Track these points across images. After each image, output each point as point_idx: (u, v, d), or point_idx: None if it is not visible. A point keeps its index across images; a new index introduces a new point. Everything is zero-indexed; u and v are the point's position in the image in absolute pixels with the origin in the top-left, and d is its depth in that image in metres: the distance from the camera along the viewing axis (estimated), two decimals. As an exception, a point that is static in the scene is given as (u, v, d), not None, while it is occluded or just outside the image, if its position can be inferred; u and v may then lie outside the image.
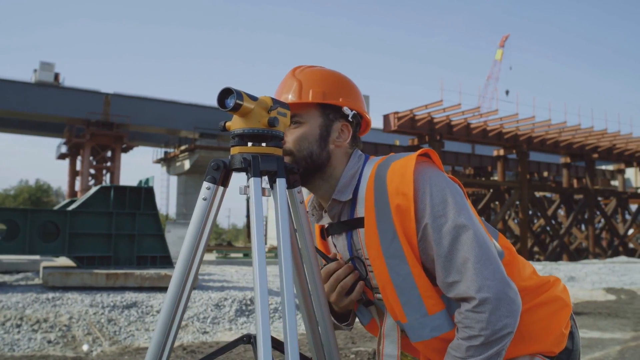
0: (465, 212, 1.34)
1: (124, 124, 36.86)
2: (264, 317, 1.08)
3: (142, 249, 8.76)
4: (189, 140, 40.97)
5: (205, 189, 1.29)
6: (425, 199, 1.34)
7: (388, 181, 1.36)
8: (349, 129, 1.53)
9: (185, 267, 1.25)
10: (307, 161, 1.47)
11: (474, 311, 1.29)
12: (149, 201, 8.97)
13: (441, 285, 1.35)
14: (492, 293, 1.28)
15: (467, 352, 1.30)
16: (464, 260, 1.30)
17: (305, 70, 1.54)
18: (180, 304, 1.26)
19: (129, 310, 7.12)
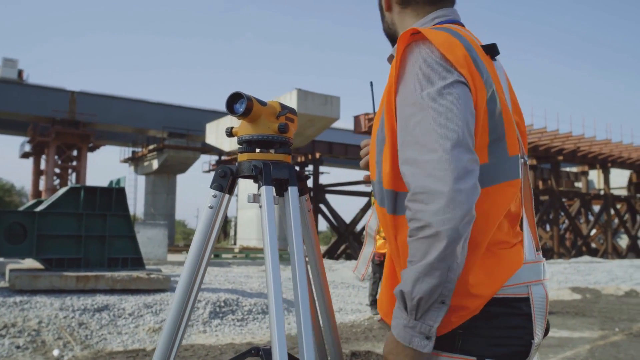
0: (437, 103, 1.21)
1: (90, 123, 36.25)
2: (280, 334, 1.05)
3: (113, 251, 8.60)
4: (157, 139, 40.51)
5: (211, 196, 1.26)
6: (403, 72, 1.28)
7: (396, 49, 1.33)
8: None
9: (192, 274, 1.23)
10: (387, 36, 1.58)
11: (413, 200, 1.18)
12: (121, 202, 8.81)
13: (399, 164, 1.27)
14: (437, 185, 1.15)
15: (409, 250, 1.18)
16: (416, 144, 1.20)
17: None
18: (187, 309, 1.24)
19: (101, 314, 6.98)
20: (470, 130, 1.21)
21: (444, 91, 1.21)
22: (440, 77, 1.23)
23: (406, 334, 1.18)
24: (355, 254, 28.33)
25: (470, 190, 1.15)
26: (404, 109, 1.24)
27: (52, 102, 34.82)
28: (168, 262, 17.02)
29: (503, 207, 1.30)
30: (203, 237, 1.24)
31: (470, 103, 1.23)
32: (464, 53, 1.27)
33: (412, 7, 1.47)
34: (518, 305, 1.27)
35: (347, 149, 30.31)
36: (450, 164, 1.15)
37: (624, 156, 34.04)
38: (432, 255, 1.13)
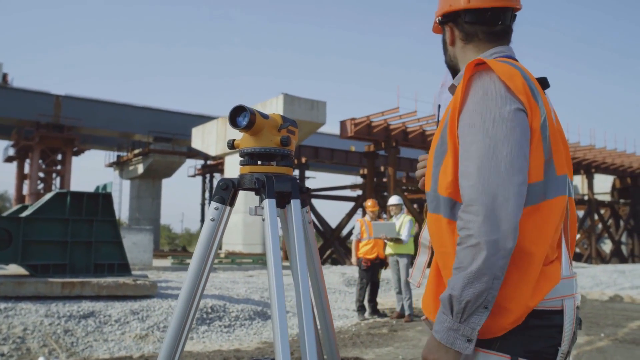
0: (497, 126, 1.38)
1: (75, 127, 35.95)
2: (284, 348, 1.05)
3: (99, 257, 8.53)
4: (142, 144, 40.30)
5: (213, 209, 1.26)
6: (467, 98, 1.45)
7: (463, 74, 1.50)
8: (451, 27, 1.69)
9: (194, 285, 1.23)
10: (449, 68, 1.77)
11: (465, 211, 1.35)
12: (107, 207, 8.74)
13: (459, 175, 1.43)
14: (487, 199, 1.31)
15: (457, 257, 1.33)
16: (472, 160, 1.37)
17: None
18: (189, 318, 1.23)
19: (86, 320, 6.92)
20: (525, 155, 1.38)
21: (504, 117, 1.38)
22: (501, 105, 1.39)
23: (449, 336, 1.32)
24: (341, 259, 28.30)
25: (515, 209, 1.31)
26: (466, 130, 1.42)
27: (37, 105, 34.50)
28: (153, 267, 16.91)
29: (554, 221, 1.45)
30: (205, 249, 1.24)
31: (526, 129, 1.40)
32: (523, 82, 1.44)
33: (474, 43, 1.66)
34: (553, 317, 1.42)
35: (333, 154, 30.32)
36: (502, 183, 1.32)
37: (607, 162, 34.40)
38: (478, 262, 1.29)
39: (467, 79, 1.46)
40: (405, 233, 9.09)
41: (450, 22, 1.68)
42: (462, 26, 1.66)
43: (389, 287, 13.39)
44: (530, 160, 1.40)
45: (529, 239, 1.38)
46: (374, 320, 9.01)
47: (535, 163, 1.41)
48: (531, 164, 1.40)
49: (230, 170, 28.45)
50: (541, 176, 1.42)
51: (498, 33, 1.65)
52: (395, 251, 9.23)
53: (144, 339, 6.66)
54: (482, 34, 1.64)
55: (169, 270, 16.96)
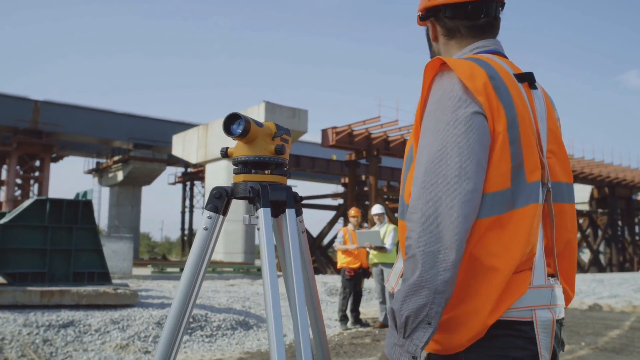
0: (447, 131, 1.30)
1: (54, 133, 35.54)
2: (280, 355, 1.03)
3: (79, 265, 8.41)
4: (122, 150, 39.99)
5: (206, 218, 1.24)
6: (427, 100, 1.38)
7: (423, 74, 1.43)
8: (433, 23, 1.61)
9: (186, 295, 1.21)
10: None
11: (407, 219, 1.28)
12: (87, 215, 8.63)
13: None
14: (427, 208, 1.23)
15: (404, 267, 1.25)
16: (418, 166, 1.31)
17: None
18: (181, 328, 1.21)
19: (66, 330, 6.81)
20: (479, 161, 1.27)
21: (457, 121, 1.28)
22: (455, 107, 1.30)
23: (394, 352, 1.22)
24: (322, 268, 28.28)
25: (460, 219, 1.21)
26: (423, 134, 1.33)
27: (15, 111, 34.04)
28: (133, 276, 16.75)
29: (524, 232, 1.32)
30: (197, 258, 1.22)
31: (483, 133, 1.29)
32: (485, 81, 1.33)
33: (456, 39, 1.58)
34: (521, 329, 1.30)
35: (315, 162, 30.34)
36: (447, 191, 1.23)
37: (585, 172, 34.85)
38: (416, 275, 1.19)
39: (430, 79, 1.39)
40: (389, 242, 9.08)
41: (431, 17, 1.60)
42: (444, 21, 1.57)
43: (370, 296, 13.39)
44: (493, 167, 1.30)
45: (491, 253, 1.28)
46: (356, 330, 8.99)
47: (500, 169, 1.31)
48: (495, 171, 1.30)
49: (211, 178, 28.32)
50: (508, 183, 1.31)
51: (482, 26, 1.55)
52: (379, 260, 9.22)
53: (125, 348, 6.57)
54: (464, 29, 1.55)
55: (149, 279, 16.81)
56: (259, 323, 8.52)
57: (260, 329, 8.27)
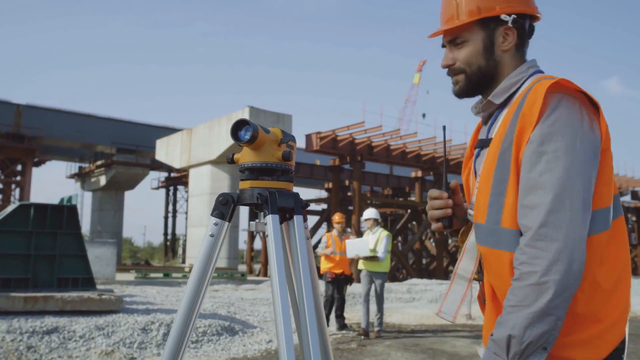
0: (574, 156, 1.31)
1: (36, 137, 35.17)
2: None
3: (63, 270, 8.33)
4: (105, 155, 39.68)
5: (212, 224, 1.24)
6: (546, 119, 1.34)
7: (530, 93, 1.38)
8: (513, 31, 1.53)
9: (192, 301, 1.22)
10: (478, 75, 1.54)
11: (531, 245, 1.27)
12: (72, 220, 8.56)
13: (518, 205, 1.36)
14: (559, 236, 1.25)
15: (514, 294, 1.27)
16: (543, 192, 1.30)
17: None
18: (187, 333, 1.22)
19: (50, 336, 6.74)
20: (593, 186, 1.32)
21: (578, 146, 1.30)
22: (582, 134, 1.32)
23: None
24: (306, 272, 28.21)
25: (584, 248, 1.27)
26: (536, 158, 1.32)
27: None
28: (116, 281, 16.62)
29: (624, 240, 1.41)
30: (204, 265, 1.22)
31: (598, 158, 1.35)
32: (600, 109, 1.38)
33: (521, 52, 1.56)
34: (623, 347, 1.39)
35: (299, 168, 30.31)
36: (575, 221, 1.26)
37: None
38: (544, 301, 1.22)
39: (545, 99, 1.34)
40: (382, 249, 8.72)
41: (504, 24, 1.53)
42: (522, 31, 1.55)
43: (355, 301, 13.40)
44: (602, 184, 1.36)
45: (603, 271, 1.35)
46: (342, 335, 8.98)
47: (607, 187, 1.37)
48: (603, 189, 1.36)
49: (194, 183, 28.21)
50: (611, 200, 1.38)
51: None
52: (371, 269, 8.88)
53: (110, 355, 6.51)
54: (527, 44, 1.58)
55: (133, 284, 16.68)
56: (245, 329, 8.49)
57: (246, 334, 8.24)
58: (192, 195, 28.59)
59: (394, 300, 14.54)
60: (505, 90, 1.51)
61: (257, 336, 8.23)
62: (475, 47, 1.54)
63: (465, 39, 1.54)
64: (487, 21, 1.53)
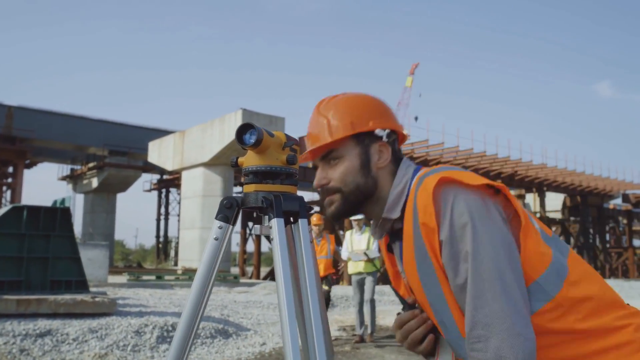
0: (485, 237, 1.28)
1: (27, 139, 35.01)
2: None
3: (56, 273, 8.29)
4: (97, 157, 39.53)
5: (217, 227, 1.25)
6: (443, 221, 1.30)
7: (418, 198, 1.35)
8: (387, 148, 1.50)
9: (197, 305, 1.23)
10: (356, 193, 1.46)
11: (470, 349, 1.25)
12: (65, 222, 8.53)
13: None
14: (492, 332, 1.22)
15: None
16: (471, 291, 1.26)
17: (329, 104, 1.51)
18: (191, 336, 1.22)
19: (43, 339, 6.71)
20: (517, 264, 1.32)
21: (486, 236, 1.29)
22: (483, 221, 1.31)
23: None
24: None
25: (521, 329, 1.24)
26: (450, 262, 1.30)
27: (-13, 116, 33.52)
28: (109, 284, 16.55)
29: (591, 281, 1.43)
30: (208, 269, 1.23)
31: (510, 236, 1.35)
32: (496, 186, 1.39)
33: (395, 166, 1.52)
34: None
35: (293, 170, 30.32)
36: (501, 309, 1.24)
37: (558, 180, 35.35)
38: None
39: (435, 200, 1.32)
40: (374, 248, 8.69)
41: (378, 140, 1.49)
42: (394, 147, 1.53)
43: (348, 304, 13.42)
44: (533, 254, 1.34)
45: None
46: (335, 338, 8.98)
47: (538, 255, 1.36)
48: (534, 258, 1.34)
49: (187, 185, 28.15)
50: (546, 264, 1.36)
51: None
52: (367, 270, 8.81)
53: (104, 358, 6.49)
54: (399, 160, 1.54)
55: (125, 287, 16.63)
56: (238, 331, 8.48)
57: (240, 337, 8.23)
58: (184, 198, 28.52)
59: (387, 303, 14.56)
60: (397, 202, 1.46)
61: (251, 339, 8.22)
62: (351, 163, 1.46)
63: (340, 155, 1.46)
64: (361, 137, 1.48)
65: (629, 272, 43.68)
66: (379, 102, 1.54)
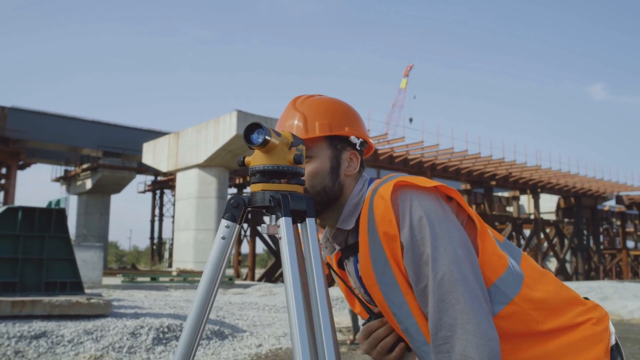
0: (444, 238, 1.29)
1: (21, 140, 34.84)
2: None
3: (51, 274, 8.25)
4: (91, 158, 39.40)
5: (224, 227, 1.24)
6: (402, 226, 1.31)
7: (375, 207, 1.34)
8: (357, 157, 1.51)
9: (203, 305, 1.22)
10: (321, 195, 1.44)
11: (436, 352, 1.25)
12: (60, 223, 8.48)
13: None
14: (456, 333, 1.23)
15: None
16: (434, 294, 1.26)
17: (306, 102, 1.51)
18: (198, 335, 1.22)
19: (38, 341, 6.68)
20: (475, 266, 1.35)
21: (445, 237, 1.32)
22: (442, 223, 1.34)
23: None
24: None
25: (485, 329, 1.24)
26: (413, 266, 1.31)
27: (-20, 117, 33.34)
28: (103, 285, 16.49)
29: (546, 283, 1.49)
30: (215, 268, 1.22)
31: (466, 238, 1.38)
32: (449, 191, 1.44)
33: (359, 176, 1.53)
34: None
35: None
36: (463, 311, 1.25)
37: (552, 182, 35.46)
38: None
39: (393, 206, 1.32)
40: None
41: (350, 148, 1.50)
42: (361, 154, 1.54)
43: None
44: (491, 256, 1.38)
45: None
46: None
47: (496, 257, 1.39)
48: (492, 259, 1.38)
49: (181, 187, 28.09)
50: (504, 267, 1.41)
51: None
52: None
53: (99, 359, 6.47)
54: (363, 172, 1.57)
55: (120, 288, 16.57)
56: (234, 333, 8.47)
57: (236, 338, 8.21)
58: (179, 199, 28.45)
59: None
60: (351, 213, 1.46)
61: (246, 340, 8.21)
62: (322, 165, 1.45)
63: (311, 155, 1.45)
64: (335, 140, 1.48)
65: (622, 273, 43.85)
66: (354, 110, 1.55)
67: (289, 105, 1.53)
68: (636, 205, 43.38)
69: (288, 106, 1.53)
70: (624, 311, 13.94)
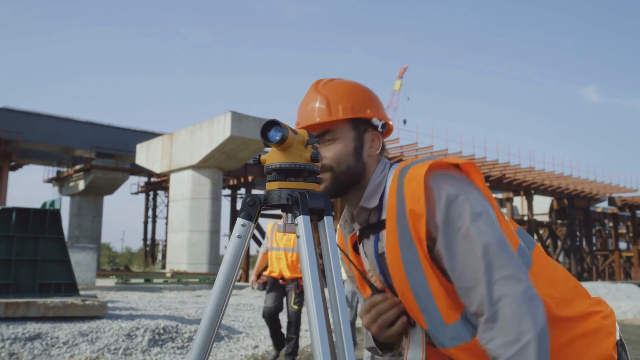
0: (481, 218, 1.32)
1: (13, 140, 34.66)
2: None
3: (45, 276, 8.19)
4: (84, 159, 39.25)
5: (240, 225, 1.22)
6: (437, 204, 1.34)
7: (405, 186, 1.37)
8: (379, 138, 1.56)
9: (219, 303, 1.20)
10: (346, 175, 1.48)
11: (488, 329, 1.25)
12: (55, 224, 8.42)
13: (458, 292, 1.33)
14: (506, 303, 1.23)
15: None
16: (477, 268, 1.28)
17: (328, 85, 1.54)
18: (212, 335, 1.20)
19: (33, 343, 6.62)
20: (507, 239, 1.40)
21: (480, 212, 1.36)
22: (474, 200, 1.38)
23: None
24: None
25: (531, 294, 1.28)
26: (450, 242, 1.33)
27: (-28, 118, 33.17)
28: (97, 287, 16.43)
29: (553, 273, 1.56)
30: (231, 267, 1.20)
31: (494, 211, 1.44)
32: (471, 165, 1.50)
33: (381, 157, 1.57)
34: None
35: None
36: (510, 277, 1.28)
37: (545, 184, 35.61)
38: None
39: (426, 185, 1.35)
40: None
41: (371, 129, 1.54)
42: (382, 135, 1.59)
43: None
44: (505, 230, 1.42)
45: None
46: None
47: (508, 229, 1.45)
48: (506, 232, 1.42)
49: (175, 188, 28.02)
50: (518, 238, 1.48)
51: None
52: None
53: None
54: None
55: (113, 289, 16.52)
56: (230, 334, 8.43)
57: (232, 340, 8.18)
58: (172, 200, 28.37)
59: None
60: (375, 192, 1.49)
61: (243, 341, 8.17)
62: (346, 146, 1.49)
63: (336, 136, 1.49)
64: (357, 122, 1.51)
65: (615, 274, 44.07)
66: (374, 93, 1.60)
67: (310, 89, 1.56)
68: (628, 207, 43.61)
69: (309, 90, 1.56)
70: (617, 312, 14.02)
